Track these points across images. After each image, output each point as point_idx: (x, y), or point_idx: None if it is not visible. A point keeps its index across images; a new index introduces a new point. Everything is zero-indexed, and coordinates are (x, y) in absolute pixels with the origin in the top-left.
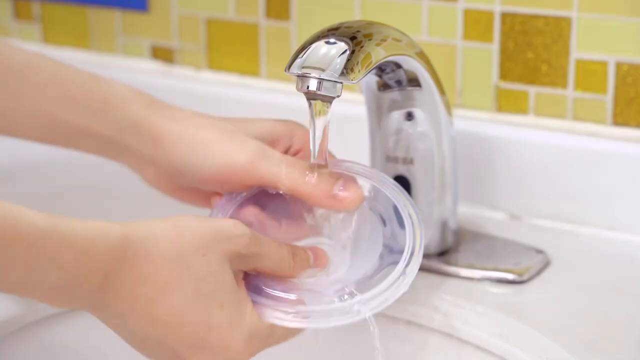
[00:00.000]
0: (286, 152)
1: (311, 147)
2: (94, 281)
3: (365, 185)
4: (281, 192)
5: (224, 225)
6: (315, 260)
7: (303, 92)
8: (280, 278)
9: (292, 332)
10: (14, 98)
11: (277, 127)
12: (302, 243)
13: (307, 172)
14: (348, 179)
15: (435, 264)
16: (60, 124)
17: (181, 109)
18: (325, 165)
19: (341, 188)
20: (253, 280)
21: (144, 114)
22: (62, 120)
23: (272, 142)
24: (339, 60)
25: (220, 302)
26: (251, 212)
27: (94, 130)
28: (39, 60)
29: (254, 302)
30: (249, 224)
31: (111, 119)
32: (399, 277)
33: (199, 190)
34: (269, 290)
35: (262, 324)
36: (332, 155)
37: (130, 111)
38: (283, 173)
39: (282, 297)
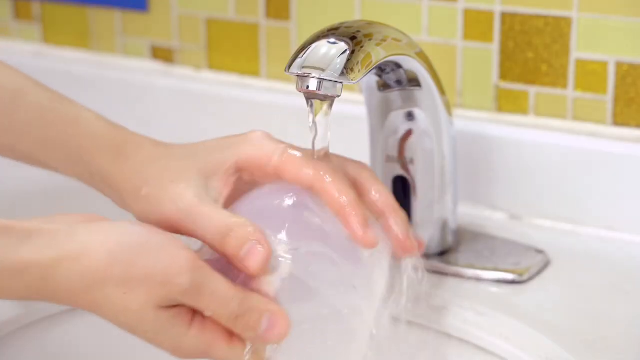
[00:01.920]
0: (242, 180)
1: (312, 147)
2: (19, 299)
3: None
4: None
5: (161, 270)
6: (269, 328)
7: (303, 92)
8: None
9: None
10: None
11: (221, 162)
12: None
13: (225, 232)
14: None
15: (435, 264)
16: (40, 162)
17: (142, 153)
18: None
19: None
20: None
21: (110, 170)
22: (41, 162)
23: (217, 178)
24: (339, 60)
25: (143, 330)
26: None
27: (73, 172)
28: (29, 93)
29: None
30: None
31: (85, 169)
32: None
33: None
34: None
35: (199, 346)
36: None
37: (100, 164)
38: (201, 232)
39: None
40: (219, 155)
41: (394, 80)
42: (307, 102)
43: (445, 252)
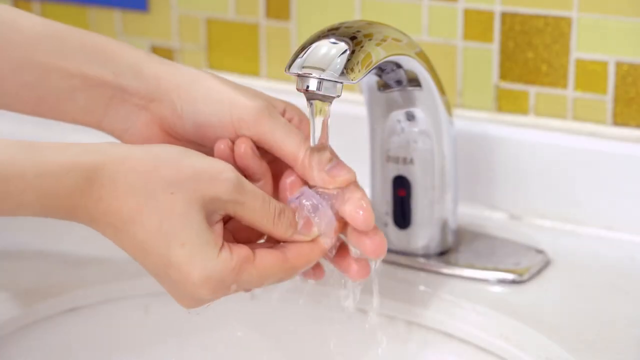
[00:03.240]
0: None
1: (311, 147)
2: (61, 212)
3: None
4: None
5: (208, 168)
6: (303, 227)
7: (303, 92)
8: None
9: (267, 271)
10: (3, 48)
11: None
12: None
13: (306, 144)
14: (342, 161)
15: (435, 264)
16: (52, 74)
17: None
18: (325, 147)
19: (334, 166)
20: None
21: (144, 60)
22: (56, 69)
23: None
24: (339, 60)
25: (181, 241)
26: None
27: (90, 76)
28: (32, 16)
29: None
30: None
31: (110, 65)
32: None
33: (187, 143)
34: None
35: (224, 268)
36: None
37: (131, 58)
38: (282, 137)
39: None
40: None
41: (394, 80)
42: (307, 102)
43: (445, 252)
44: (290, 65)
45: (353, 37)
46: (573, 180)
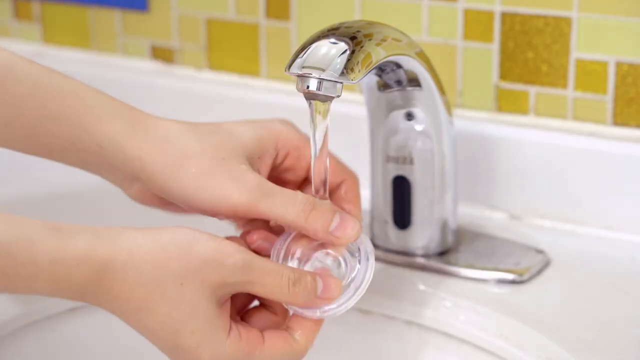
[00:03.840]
0: (274, 162)
1: (311, 147)
2: (70, 296)
3: None
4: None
5: (216, 255)
6: (324, 290)
7: (303, 92)
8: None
9: (275, 352)
10: None
11: (262, 140)
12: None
13: (306, 208)
14: (345, 215)
15: (435, 264)
16: (40, 136)
17: (164, 124)
18: (325, 195)
19: (337, 224)
20: None
21: (126, 135)
22: (43, 133)
23: (260, 159)
24: (339, 60)
25: (191, 328)
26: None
27: (76, 145)
28: (20, 68)
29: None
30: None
31: (93, 137)
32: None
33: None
34: None
35: (236, 352)
36: (333, 156)
37: (113, 131)
38: (281, 211)
39: None
40: (259, 133)
41: (394, 80)
42: (307, 102)
43: (445, 252)
44: (290, 65)
45: (353, 37)
46: (573, 180)
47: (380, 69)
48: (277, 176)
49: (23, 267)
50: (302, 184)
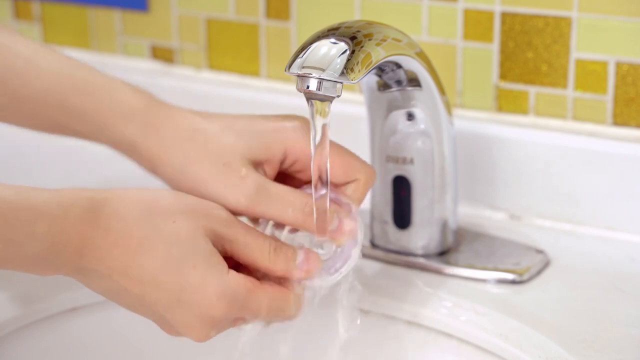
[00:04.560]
0: (282, 166)
1: (311, 147)
2: (69, 248)
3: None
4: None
5: (202, 203)
6: (304, 262)
7: (303, 92)
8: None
9: (273, 298)
10: (16, 100)
11: (270, 147)
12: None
13: (306, 210)
14: (341, 220)
15: (435, 264)
16: (62, 128)
17: (176, 120)
18: (324, 196)
19: (336, 228)
20: None
21: (140, 138)
22: (64, 126)
23: (267, 162)
24: (339, 60)
25: (192, 263)
26: None
27: (97, 140)
28: (42, 59)
29: None
30: None
31: (110, 136)
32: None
33: None
34: None
35: (238, 285)
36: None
37: (128, 133)
38: (279, 212)
39: None
40: (267, 139)
41: (394, 80)
42: (307, 102)
43: (445, 252)
44: (290, 66)
45: (353, 37)
46: (573, 180)
47: (380, 69)
48: (288, 175)
49: (22, 211)
50: None
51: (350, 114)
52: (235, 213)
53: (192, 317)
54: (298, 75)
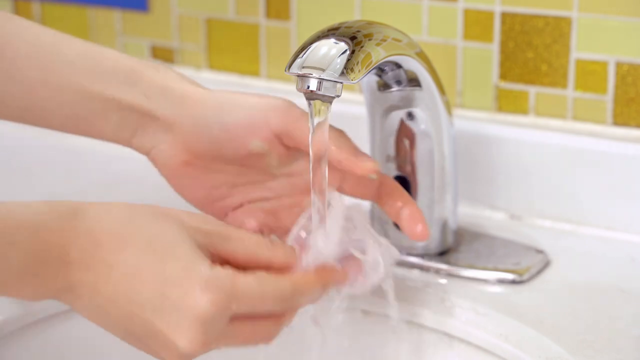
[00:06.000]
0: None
1: (310, 148)
2: (54, 255)
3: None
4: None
5: (184, 210)
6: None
7: (303, 92)
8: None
9: (260, 288)
10: (45, 72)
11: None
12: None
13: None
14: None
15: (435, 264)
16: (87, 96)
17: (191, 87)
18: (323, 195)
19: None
20: None
21: (172, 81)
22: (91, 92)
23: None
24: (339, 60)
25: (174, 255)
26: None
27: (124, 100)
28: (70, 38)
29: None
30: None
31: (139, 88)
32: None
33: (212, 164)
34: None
35: (221, 274)
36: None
37: (158, 79)
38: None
39: None
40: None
41: (394, 80)
42: (307, 102)
43: (445, 252)
44: (290, 66)
45: (353, 37)
46: (573, 180)
47: (380, 69)
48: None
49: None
50: None
51: (350, 114)
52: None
53: (179, 316)
54: (298, 75)
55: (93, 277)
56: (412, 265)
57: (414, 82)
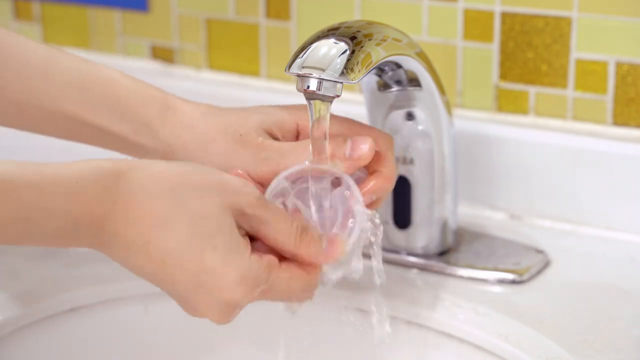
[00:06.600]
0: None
1: (311, 147)
2: (88, 223)
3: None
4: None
5: (231, 180)
6: (329, 245)
7: (303, 92)
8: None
9: (293, 279)
10: (35, 96)
11: (284, 120)
12: None
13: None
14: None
15: (435, 264)
16: (80, 124)
17: (188, 108)
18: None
19: (352, 147)
20: None
21: (159, 121)
22: (83, 121)
23: (282, 138)
24: (339, 60)
25: (214, 244)
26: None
27: (113, 131)
28: (61, 58)
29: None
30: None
31: (130, 122)
32: None
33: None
34: None
35: (258, 267)
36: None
37: (148, 116)
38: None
39: None
40: (281, 115)
41: (394, 80)
42: (307, 102)
43: (445, 252)
44: (290, 66)
45: (353, 37)
46: (573, 180)
47: (380, 69)
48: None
49: (38, 189)
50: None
51: (350, 114)
52: (257, 180)
53: (212, 300)
54: (298, 75)
55: (125, 244)
56: (412, 265)
57: (414, 82)
